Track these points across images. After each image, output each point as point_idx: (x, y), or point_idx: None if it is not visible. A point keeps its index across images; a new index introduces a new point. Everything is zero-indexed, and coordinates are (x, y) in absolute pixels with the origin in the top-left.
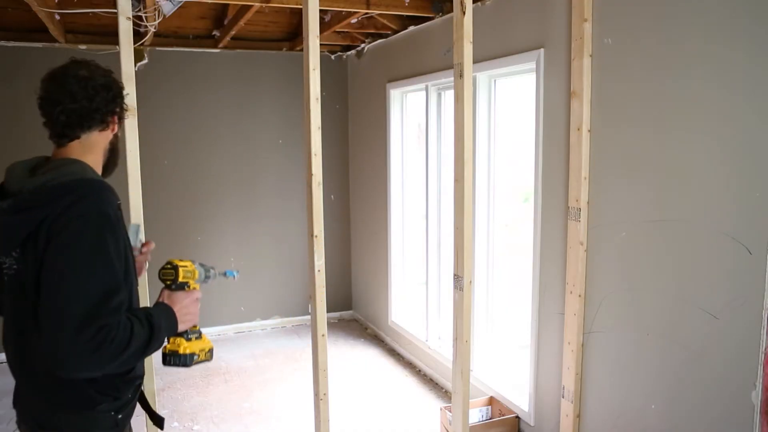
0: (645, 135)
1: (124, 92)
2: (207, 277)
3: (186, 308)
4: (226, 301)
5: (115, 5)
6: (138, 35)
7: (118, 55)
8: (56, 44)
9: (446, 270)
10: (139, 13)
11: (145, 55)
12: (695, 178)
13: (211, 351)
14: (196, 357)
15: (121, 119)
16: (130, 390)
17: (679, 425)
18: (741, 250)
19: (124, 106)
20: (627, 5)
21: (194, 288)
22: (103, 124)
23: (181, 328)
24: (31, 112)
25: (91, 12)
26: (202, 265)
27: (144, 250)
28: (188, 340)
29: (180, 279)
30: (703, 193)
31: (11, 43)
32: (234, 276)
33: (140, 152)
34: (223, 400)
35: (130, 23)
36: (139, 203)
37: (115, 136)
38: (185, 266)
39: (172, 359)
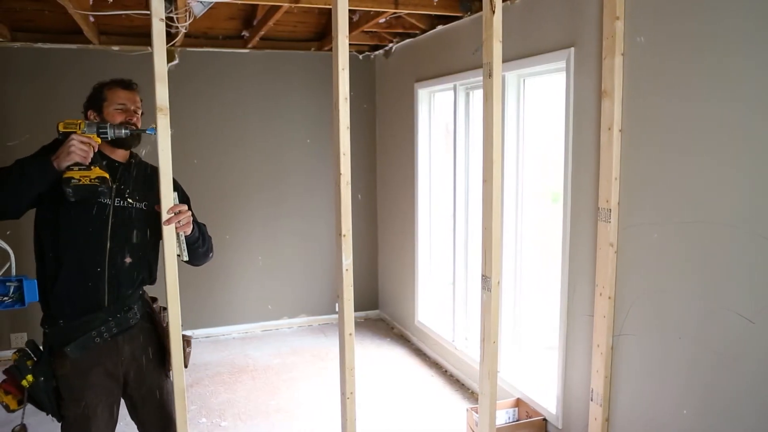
0: (677, 134)
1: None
2: (99, 130)
3: (65, 149)
4: (253, 299)
5: (147, 7)
6: (169, 36)
7: (150, 55)
8: (90, 45)
9: (473, 270)
10: (171, 15)
11: (176, 55)
12: (729, 179)
13: (100, 179)
14: (73, 181)
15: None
16: (61, 314)
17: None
18: None
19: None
20: (660, 3)
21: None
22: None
23: (64, 162)
24: (66, 111)
25: (125, 14)
26: (95, 124)
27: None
28: (70, 169)
29: (61, 130)
30: (736, 194)
31: (47, 45)
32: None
33: (171, 151)
34: (250, 397)
35: (163, 25)
36: (169, 200)
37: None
38: (68, 123)
39: (61, 185)
